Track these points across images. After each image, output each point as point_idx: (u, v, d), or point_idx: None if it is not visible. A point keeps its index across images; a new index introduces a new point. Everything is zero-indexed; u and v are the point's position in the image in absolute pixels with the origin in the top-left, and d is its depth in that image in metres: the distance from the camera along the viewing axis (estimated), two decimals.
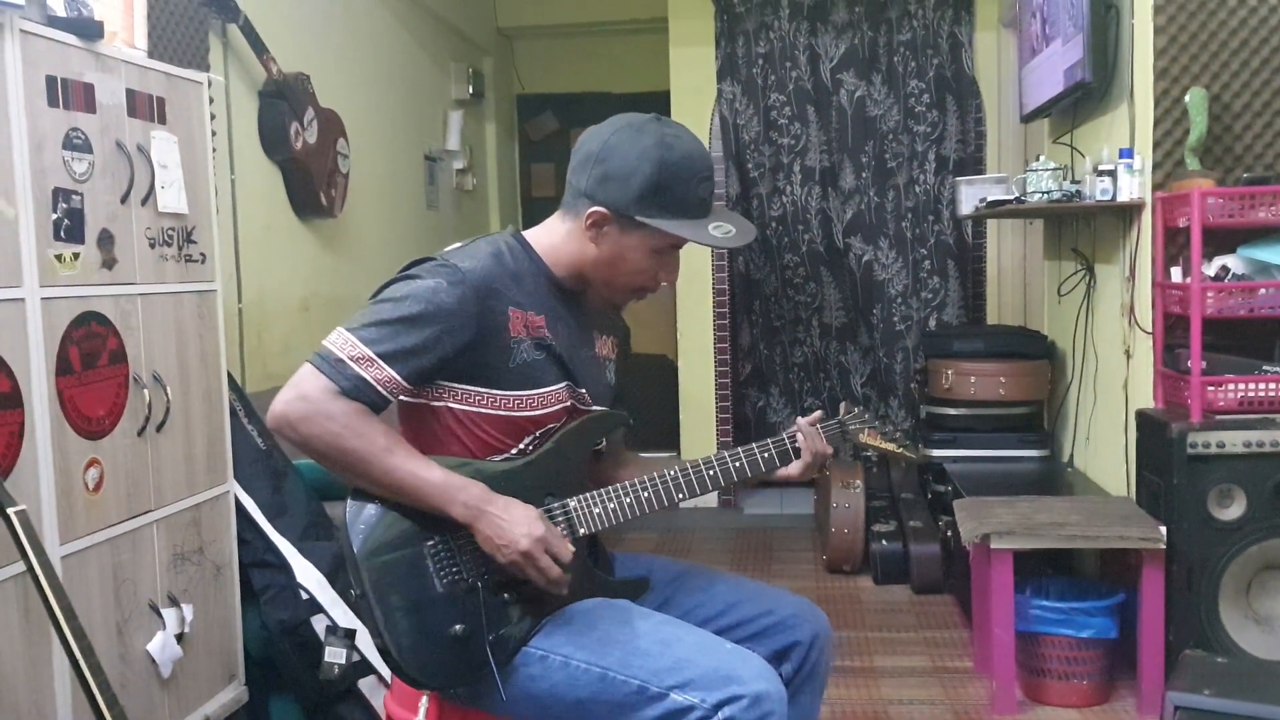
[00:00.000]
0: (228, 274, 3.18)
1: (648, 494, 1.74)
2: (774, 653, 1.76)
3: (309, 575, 2.66)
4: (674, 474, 1.75)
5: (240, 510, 2.67)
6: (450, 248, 1.75)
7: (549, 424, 1.73)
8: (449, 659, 1.60)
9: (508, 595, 1.65)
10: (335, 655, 2.57)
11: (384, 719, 1.83)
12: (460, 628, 1.59)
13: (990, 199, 3.75)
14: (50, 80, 2.04)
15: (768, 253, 5.37)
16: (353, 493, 1.62)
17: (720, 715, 1.54)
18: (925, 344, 4.69)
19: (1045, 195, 3.43)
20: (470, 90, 5.59)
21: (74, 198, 2.10)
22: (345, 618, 2.64)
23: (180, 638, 2.38)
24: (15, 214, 1.95)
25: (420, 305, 1.60)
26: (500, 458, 1.70)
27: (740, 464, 1.79)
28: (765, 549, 4.62)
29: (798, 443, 1.83)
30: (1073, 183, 3.48)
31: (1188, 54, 2.99)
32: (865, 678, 3.21)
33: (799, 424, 1.84)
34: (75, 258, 2.10)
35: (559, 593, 1.66)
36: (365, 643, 2.62)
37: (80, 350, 2.11)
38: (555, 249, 1.75)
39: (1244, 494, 2.74)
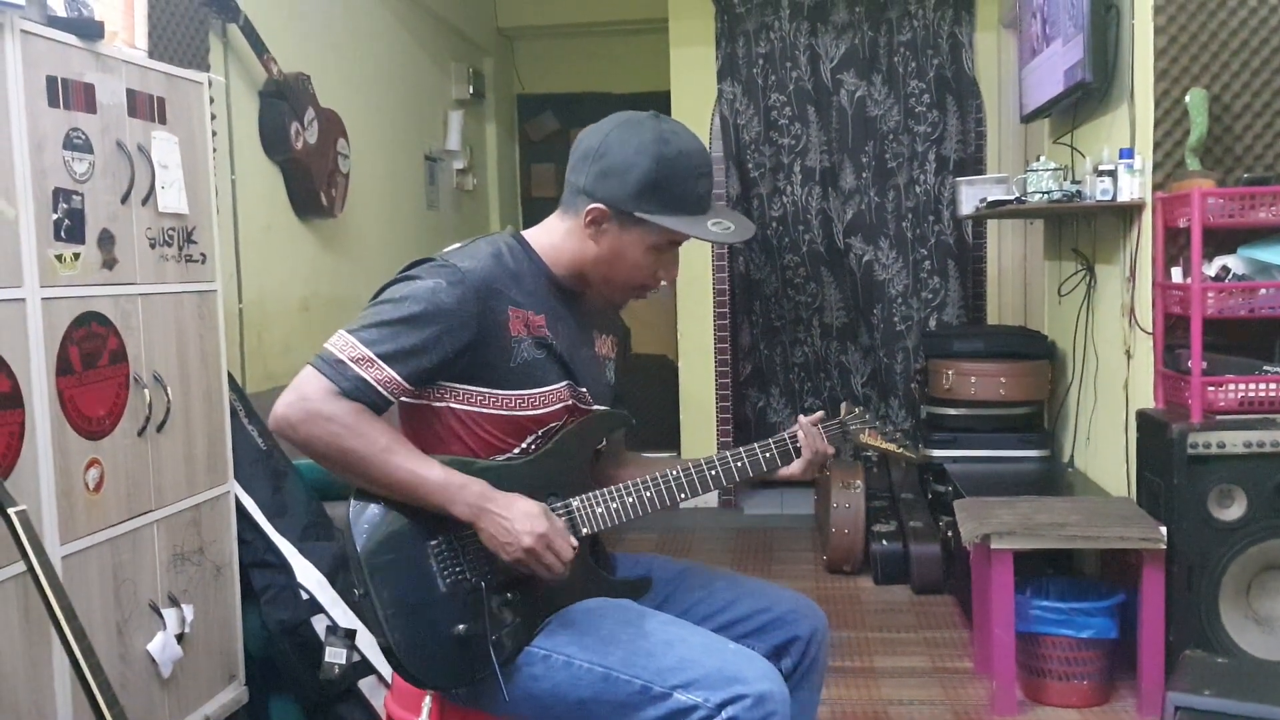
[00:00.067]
0: (228, 274, 3.17)
1: (650, 494, 1.74)
2: (773, 648, 1.77)
3: (309, 575, 2.66)
4: (676, 473, 1.76)
5: (240, 510, 2.67)
6: (450, 248, 1.75)
7: (550, 423, 1.73)
8: (452, 659, 1.60)
9: (511, 595, 1.65)
10: (335, 655, 2.57)
11: (384, 719, 1.83)
12: (463, 627, 1.59)
13: (990, 199, 3.75)
14: (51, 80, 2.04)
15: (768, 253, 5.37)
16: (355, 493, 1.62)
17: (724, 715, 1.54)
18: (925, 344, 4.69)
19: (1045, 195, 3.43)
20: (470, 90, 5.59)
21: (74, 198, 2.10)
22: (345, 618, 2.64)
23: (180, 638, 2.38)
24: (16, 214, 1.95)
25: (420, 305, 1.60)
26: (502, 457, 1.70)
27: (742, 463, 1.79)
28: (765, 549, 4.61)
29: (798, 442, 1.83)
30: (1073, 183, 3.48)
31: (1188, 54, 2.99)
32: (865, 678, 3.21)
33: (800, 423, 1.85)
34: (76, 258, 2.10)
35: (561, 585, 1.66)
36: (365, 643, 2.62)
37: (81, 350, 2.11)
38: (555, 248, 1.76)
39: (1244, 494, 2.74)
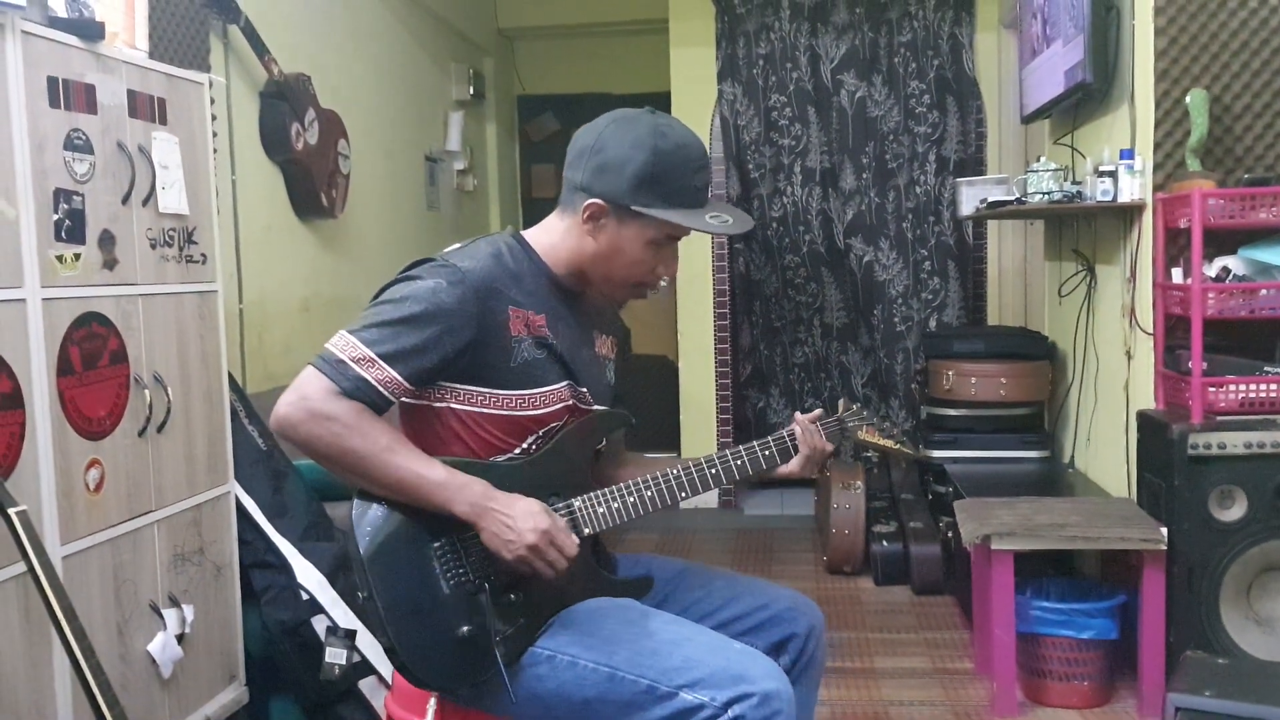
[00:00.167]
0: (228, 274, 3.18)
1: (651, 493, 1.74)
2: (770, 646, 1.77)
3: (309, 576, 2.66)
4: (676, 473, 1.76)
5: (241, 511, 2.67)
6: (450, 248, 1.75)
7: (551, 423, 1.73)
8: (456, 660, 1.60)
9: (514, 596, 1.65)
10: (336, 656, 2.57)
11: (385, 719, 1.83)
12: (467, 629, 1.59)
13: (991, 200, 3.75)
14: (51, 81, 2.04)
15: (768, 253, 5.37)
16: (358, 494, 1.62)
17: (730, 714, 1.54)
18: (926, 345, 4.69)
19: (1046, 196, 3.43)
20: (471, 91, 5.59)
21: (75, 198, 2.10)
22: (346, 618, 2.64)
23: (181, 638, 2.38)
24: (16, 214, 1.95)
25: (421, 305, 1.60)
26: (503, 458, 1.71)
27: (741, 462, 1.80)
28: (766, 550, 4.61)
29: (796, 439, 1.83)
30: (1073, 184, 3.48)
31: (1188, 55, 2.99)
32: (865, 679, 3.21)
33: (798, 420, 1.85)
34: (76, 258, 2.10)
35: (564, 586, 1.66)
36: (366, 643, 2.62)
37: (81, 351, 2.11)
38: (554, 247, 1.76)
39: (1245, 495, 2.74)
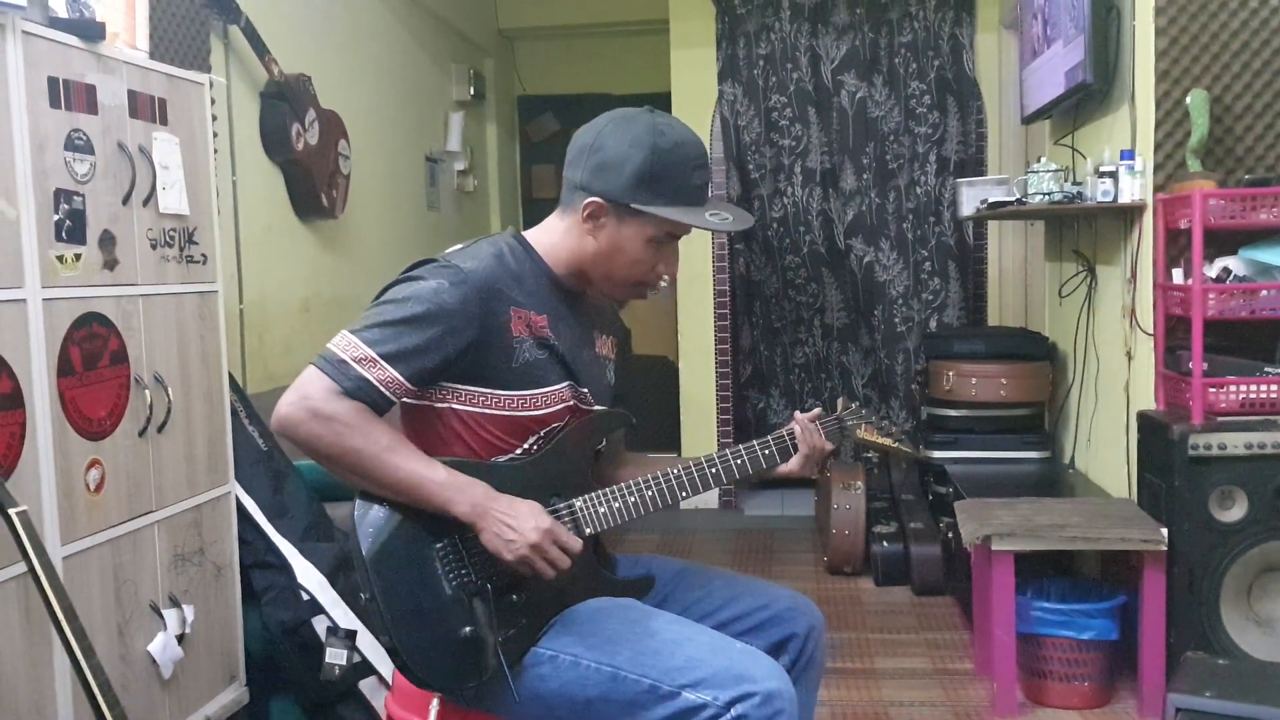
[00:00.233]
0: (229, 275, 3.18)
1: (652, 493, 1.74)
2: (771, 645, 1.77)
3: (310, 576, 2.66)
4: (677, 472, 1.76)
5: (241, 511, 2.67)
6: (452, 249, 1.75)
7: (552, 424, 1.73)
8: (459, 660, 1.60)
9: (516, 596, 1.65)
10: (336, 656, 2.57)
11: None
12: (470, 629, 1.59)
13: (991, 200, 3.75)
14: (52, 81, 2.04)
15: (769, 254, 5.37)
16: (360, 494, 1.62)
17: (732, 713, 1.54)
18: (926, 345, 4.69)
19: (1046, 197, 3.42)
20: (471, 91, 5.59)
21: (75, 199, 2.10)
22: (346, 619, 2.64)
23: (181, 638, 2.38)
24: (17, 215, 1.95)
25: (423, 306, 1.60)
26: (504, 458, 1.71)
27: (741, 461, 1.80)
28: (766, 550, 4.61)
29: (796, 438, 1.83)
30: (1074, 184, 3.48)
31: (1189, 56, 2.99)
32: (866, 679, 3.21)
33: (797, 419, 1.85)
34: (77, 259, 2.10)
35: (565, 586, 1.66)
36: (366, 644, 2.62)
37: (82, 351, 2.11)
38: (555, 247, 1.76)
39: (1245, 496, 2.74)
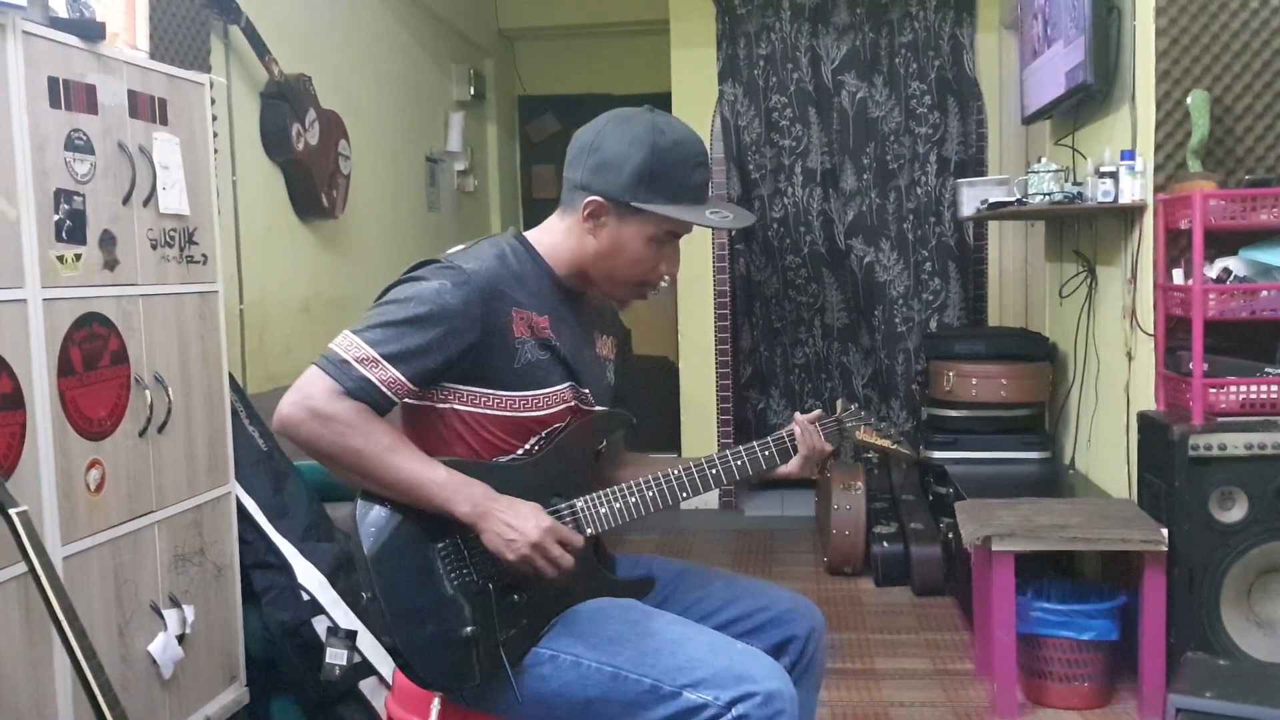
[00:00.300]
0: (229, 275, 3.17)
1: (652, 493, 1.74)
2: (771, 647, 1.77)
3: (310, 576, 2.66)
4: (678, 473, 1.76)
5: (241, 511, 2.67)
6: (454, 250, 1.75)
7: (553, 424, 1.73)
8: (460, 660, 1.60)
9: (517, 596, 1.65)
10: (336, 656, 2.57)
11: None
12: (471, 629, 1.59)
13: (991, 201, 3.75)
14: (52, 81, 2.04)
15: (769, 254, 5.37)
16: (361, 494, 1.62)
17: (733, 713, 1.54)
18: (926, 346, 4.69)
19: (1047, 197, 3.42)
20: (471, 91, 5.59)
21: (76, 199, 2.10)
22: (346, 619, 2.64)
23: (181, 639, 2.38)
24: (17, 215, 1.95)
25: (425, 306, 1.60)
26: (506, 458, 1.71)
27: (741, 462, 1.80)
28: (766, 551, 4.61)
29: (795, 439, 1.83)
30: (1074, 184, 3.48)
31: (1189, 56, 2.99)
32: (866, 680, 3.21)
33: (797, 420, 1.85)
34: (77, 259, 2.10)
35: (566, 586, 1.66)
36: (366, 644, 2.62)
37: (82, 351, 2.11)
38: (556, 247, 1.76)
39: (1245, 496, 2.74)
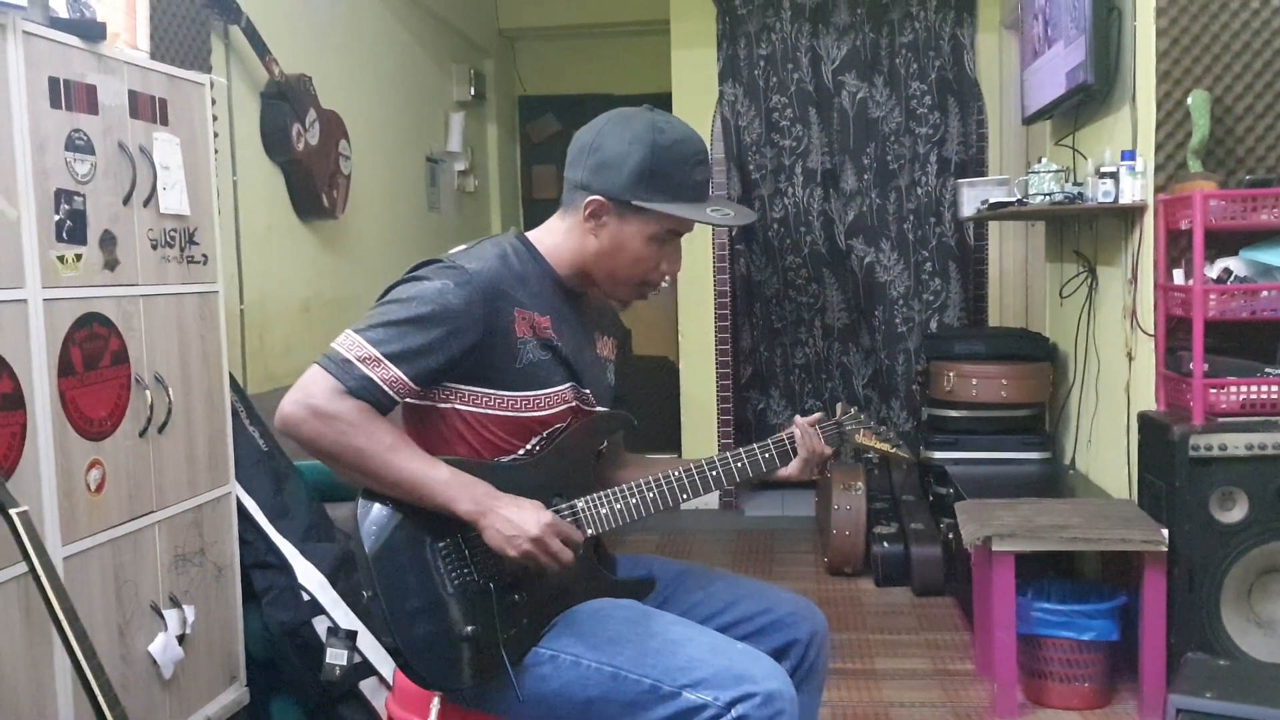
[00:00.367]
0: (229, 275, 3.17)
1: (653, 494, 1.74)
2: (773, 650, 1.76)
3: (310, 577, 2.66)
4: (678, 474, 1.76)
5: (242, 511, 2.67)
6: (456, 250, 1.75)
7: (555, 425, 1.73)
8: (461, 660, 1.60)
9: (518, 596, 1.65)
10: (337, 657, 2.57)
11: None
12: (472, 629, 1.59)
13: (992, 201, 3.75)
14: (53, 81, 2.04)
15: (769, 254, 5.37)
16: (362, 493, 1.62)
17: (733, 713, 1.54)
18: (927, 346, 4.69)
19: (1047, 197, 3.42)
20: (472, 92, 5.59)
21: (76, 199, 2.10)
22: (346, 619, 2.64)
23: (181, 639, 2.38)
24: (17, 215, 1.95)
25: (427, 306, 1.60)
26: (507, 458, 1.71)
27: (742, 464, 1.80)
28: (766, 551, 4.61)
29: (795, 442, 1.83)
30: (1075, 185, 3.48)
31: (1190, 56, 2.99)
32: (866, 680, 3.21)
33: (797, 423, 1.86)
34: (77, 259, 2.10)
35: (566, 586, 1.66)
36: (367, 644, 2.62)
37: (82, 351, 2.11)
38: (557, 247, 1.76)
39: (1246, 496, 2.74)
